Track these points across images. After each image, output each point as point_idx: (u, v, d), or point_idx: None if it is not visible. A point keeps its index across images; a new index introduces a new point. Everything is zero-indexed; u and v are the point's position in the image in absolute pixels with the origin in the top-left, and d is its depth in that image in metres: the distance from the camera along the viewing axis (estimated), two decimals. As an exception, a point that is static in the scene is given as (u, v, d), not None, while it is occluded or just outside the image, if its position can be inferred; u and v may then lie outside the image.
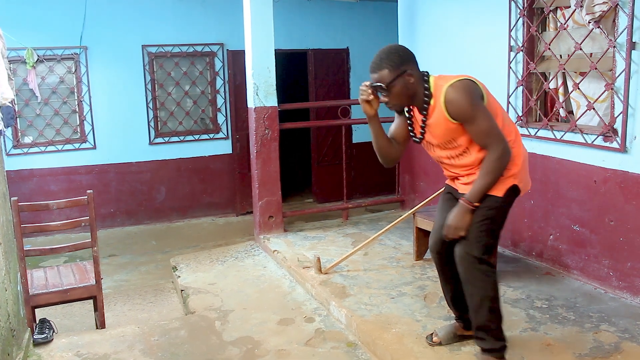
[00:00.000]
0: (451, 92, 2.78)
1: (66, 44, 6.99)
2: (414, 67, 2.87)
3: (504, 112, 2.94)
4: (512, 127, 2.95)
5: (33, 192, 6.96)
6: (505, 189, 2.84)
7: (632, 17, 3.45)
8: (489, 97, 2.88)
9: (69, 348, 3.57)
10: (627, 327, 3.32)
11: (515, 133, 2.93)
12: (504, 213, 2.91)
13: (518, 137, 2.94)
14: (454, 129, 2.82)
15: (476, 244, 2.81)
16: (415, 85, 2.86)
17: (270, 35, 5.40)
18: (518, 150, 2.89)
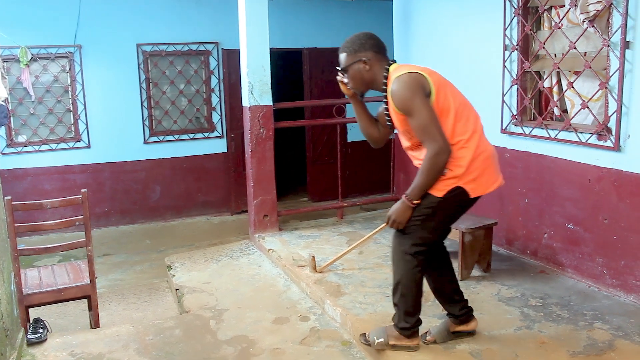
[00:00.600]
0: (395, 84, 2.83)
1: (60, 42, 6.96)
2: (374, 54, 2.97)
3: (461, 111, 2.88)
4: (469, 127, 2.88)
5: (27, 191, 6.94)
6: (446, 190, 2.85)
7: (626, 17, 3.46)
8: (442, 94, 2.85)
9: (63, 348, 3.56)
10: (621, 324, 3.33)
11: (471, 133, 2.86)
12: (444, 213, 2.93)
13: (474, 139, 2.86)
14: (403, 120, 2.87)
15: (407, 239, 2.95)
16: (372, 73, 2.97)
17: (265, 34, 5.40)
18: (468, 152, 2.84)
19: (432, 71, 2.93)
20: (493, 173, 2.94)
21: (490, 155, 2.93)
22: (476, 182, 2.87)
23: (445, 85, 2.91)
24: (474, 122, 2.93)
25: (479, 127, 2.94)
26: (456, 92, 2.97)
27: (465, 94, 5.16)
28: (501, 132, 4.64)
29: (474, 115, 2.96)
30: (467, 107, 2.97)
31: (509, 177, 4.61)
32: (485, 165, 2.89)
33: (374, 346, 3.16)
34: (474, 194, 2.89)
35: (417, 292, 3.03)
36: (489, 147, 2.95)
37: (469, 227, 4.05)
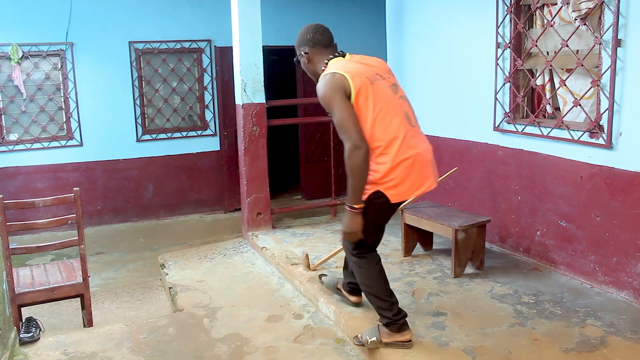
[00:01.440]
0: (320, 83, 2.97)
1: (52, 40, 6.92)
2: (311, 48, 3.13)
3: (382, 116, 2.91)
4: (390, 133, 2.91)
5: (19, 189, 6.90)
6: (367, 194, 2.92)
7: (618, 15, 3.47)
8: (362, 97, 2.89)
9: (56, 347, 3.55)
10: (613, 321, 3.35)
11: (390, 140, 2.90)
12: (370, 217, 2.97)
13: (393, 146, 2.89)
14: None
15: (349, 244, 3.11)
16: (312, 66, 3.16)
17: (258, 32, 5.39)
18: (387, 158, 2.89)
19: (359, 72, 2.96)
20: (418, 179, 2.96)
21: (415, 161, 2.94)
22: (397, 189, 2.92)
23: (369, 89, 2.92)
24: (396, 128, 2.93)
25: (402, 133, 2.93)
26: (383, 96, 2.97)
27: (458, 91, 5.21)
28: (494, 129, 4.65)
29: (399, 122, 2.96)
30: (393, 112, 2.97)
31: (502, 175, 4.63)
32: (407, 172, 2.92)
33: (367, 345, 3.18)
34: (395, 200, 2.95)
35: (380, 288, 3.13)
36: (415, 152, 2.95)
37: (462, 224, 4.06)
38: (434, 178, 3.05)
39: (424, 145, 3.04)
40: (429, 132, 5.47)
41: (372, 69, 3.06)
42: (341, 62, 3.05)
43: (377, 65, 3.16)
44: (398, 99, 3.07)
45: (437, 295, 3.84)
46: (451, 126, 5.21)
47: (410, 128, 3.01)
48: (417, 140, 3.01)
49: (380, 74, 3.06)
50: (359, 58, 3.16)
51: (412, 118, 3.10)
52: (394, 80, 3.15)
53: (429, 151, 3.07)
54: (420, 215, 4.38)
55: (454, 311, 3.58)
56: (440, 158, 5.37)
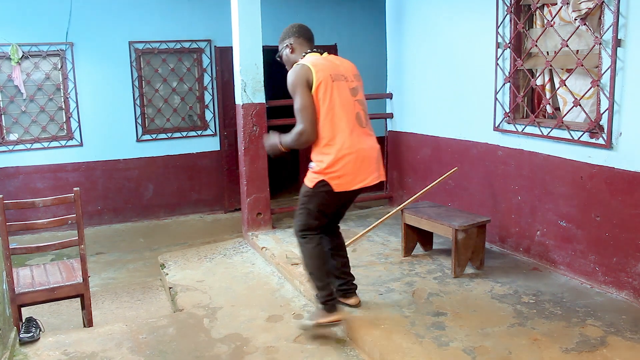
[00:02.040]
0: (290, 71, 3.36)
1: (52, 40, 6.92)
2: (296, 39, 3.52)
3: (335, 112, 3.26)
4: (339, 128, 3.26)
5: (19, 189, 6.90)
6: (314, 182, 3.33)
7: (618, 15, 3.47)
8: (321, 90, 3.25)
9: (56, 347, 3.55)
10: (613, 321, 3.35)
11: (336, 134, 3.25)
12: (317, 200, 3.37)
13: (338, 140, 3.25)
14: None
15: (296, 224, 3.48)
16: (293, 55, 3.53)
17: (258, 32, 5.39)
18: (332, 150, 3.25)
19: (325, 68, 3.30)
20: (360, 173, 3.30)
21: (358, 157, 3.28)
22: (340, 180, 3.28)
23: (329, 85, 3.27)
24: (345, 124, 3.27)
25: (349, 130, 3.27)
26: (340, 94, 3.30)
27: (458, 91, 5.21)
28: (494, 129, 4.65)
29: (348, 120, 3.30)
30: (346, 110, 3.30)
31: (502, 175, 4.63)
32: (350, 166, 3.26)
33: (305, 329, 3.51)
34: (338, 189, 3.30)
35: (317, 267, 3.43)
36: (359, 148, 3.29)
37: (462, 224, 4.06)
38: (377, 174, 3.41)
39: (370, 144, 3.39)
40: (429, 132, 5.51)
41: (339, 70, 3.38)
42: (314, 57, 3.39)
43: (346, 67, 3.47)
44: (354, 100, 3.38)
45: (437, 295, 3.84)
46: (451, 126, 5.21)
47: (359, 128, 3.35)
48: (364, 139, 3.35)
49: (344, 76, 3.39)
50: (333, 58, 3.48)
51: (363, 120, 3.41)
52: (356, 84, 3.45)
53: (375, 150, 3.42)
54: (420, 215, 4.38)
55: (454, 311, 3.58)
56: (440, 158, 5.38)
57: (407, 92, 5.89)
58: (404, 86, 5.92)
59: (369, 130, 3.45)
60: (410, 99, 5.86)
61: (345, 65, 3.50)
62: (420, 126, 5.69)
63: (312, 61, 3.31)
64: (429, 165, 5.59)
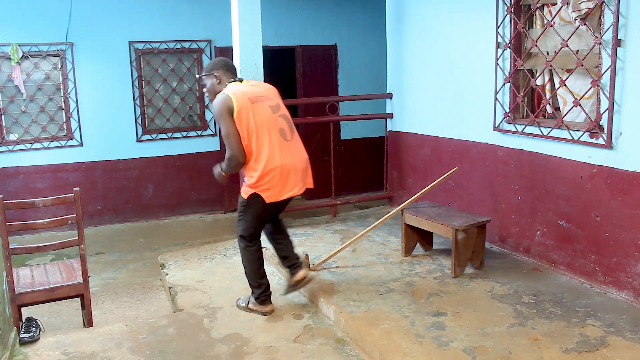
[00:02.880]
0: (215, 100, 3.68)
1: (52, 40, 6.92)
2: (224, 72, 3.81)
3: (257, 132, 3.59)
4: (263, 147, 3.60)
5: (19, 189, 6.91)
6: (247, 194, 3.69)
7: (618, 14, 3.47)
8: (243, 116, 3.57)
9: (56, 347, 3.55)
10: (613, 321, 3.35)
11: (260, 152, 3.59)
12: (252, 210, 3.74)
13: (263, 157, 3.59)
14: None
15: (238, 229, 3.84)
16: (219, 85, 3.80)
17: (258, 32, 5.38)
18: (259, 166, 3.60)
19: (243, 94, 3.63)
20: (287, 185, 3.67)
21: (285, 170, 3.64)
22: (269, 192, 3.64)
23: (249, 108, 3.60)
24: (269, 142, 3.61)
25: (273, 146, 3.61)
26: (261, 114, 3.63)
27: (458, 91, 5.21)
28: (494, 129, 4.65)
29: (272, 137, 3.63)
30: (269, 128, 3.63)
31: (502, 175, 4.63)
32: (276, 179, 3.63)
33: (239, 308, 4.03)
34: (269, 200, 3.65)
35: (253, 270, 3.89)
36: (283, 163, 3.63)
37: (462, 224, 4.06)
38: (302, 185, 3.80)
39: (296, 158, 3.73)
40: (429, 132, 5.51)
41: (258, 92, 3.74)
42: (235, 86, 3.74)
43: (266, 88, 3.86)
44: (276, 117, 3.70)
45: (437, 295, 3.84)
46: (451, 126, 5.21)
47: (284, 142, 3.69)
48: (289, 153, 3.68)
49: (264, 96, 3.74)
50: (253, 83, 3.92)
51: (287, 134, 3.74)
52: (277, 102, 3.80)
53: (301, 162, 3.78)
54: (420, 215, 4.38)
55: (454, 311, 3.58)
56: (440, 158, 5.38)
57: (407, 92, 5.89)
58: (404, 86, 5.92)
59: (296, 142, 3.80)
60: (410, 99, 5.86)
61: (264, 87, 3.89)
62: (420, 126, 5.69)
63: (232, 90, 3.66)
64: (429, 165, 5.59)
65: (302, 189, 3.81)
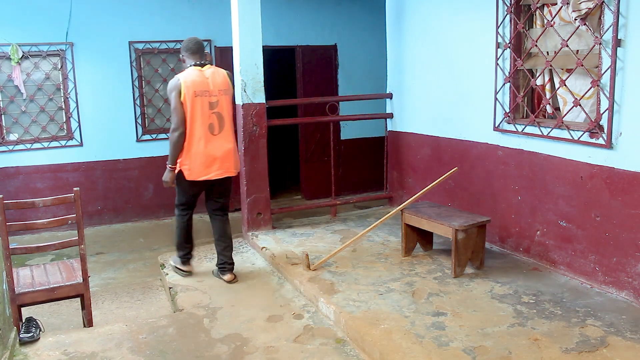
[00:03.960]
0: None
1: (52, 40, 6.92)
2: (187, 54, 4.41)
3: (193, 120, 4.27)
4: (194, 133, 4.28)
5: (19, 189, 6.90)
6: (177, 171, 4.39)
7: (618, 15, 3.48)
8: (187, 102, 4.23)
9: (56, 347, 3.55)
10: (613, 321, 3.35)
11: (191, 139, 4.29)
12: (180, 184, 4.46)
13: (192, 141, 4.29)
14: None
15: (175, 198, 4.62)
16: (183, 66, 4.47)
17: (258, 32, 5.38)
18: (189, 147, 4.29)
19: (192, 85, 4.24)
20: (204, 170, 4.34)
21: (206, 157, 4.32)
22: (189, 172, 4.35)
23: (191, 99, 4.24)
24: (198, 132, 4.29)
25: (200, 136, 4.29)
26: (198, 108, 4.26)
27: (458, 91, 5.22)
28: (494, 129, 4.65)
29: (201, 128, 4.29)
30: (201, 121, 4.29)
31: (502, 175, 4.63)
32: (197, 163, 4.32)
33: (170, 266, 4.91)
34: (189, 178, 4.36)
35: (179, 234, 4.69)
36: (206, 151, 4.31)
37: (462, 224, 4.06)
38: (222, 171, 4.41)
39: (217, 149, 4.35)
40: (429, 132, 5.51)
41: (206, 86, 4.29)
42: (191, 72, 4.31)
43: (215, 82, 4.35)
44: (210, 113, 4.32)
45: (437, 295, 3.84)
46: (451, 126, 5.21)
47: (210, 135, 4.34)
48: (212, 145, 4.34)
49: (208, 91, 4.31)
50: (209, 73, 4.36)
51: (215, 129, 4.36)
52: (218, 98, 4.35)
53: (222, 153, 4.37)
54: (420, 215, 4.38)
55: (454, 311, 3.58)
56: (440, 158, 5.38)
57: (407, 92, 5.89)
58: (404, 86, 5.92)
59: (223, 136, 4.39)
60: (410, 99, 5.86)
61: (216, 80, 4.36)
62: (420, 126, 5.69)
63: (185, 76, 4.27)
64: (429, 165, 5.59)
65: (221, 175, 4.42)
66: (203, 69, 4.36)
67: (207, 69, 4.37)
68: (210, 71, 4.37)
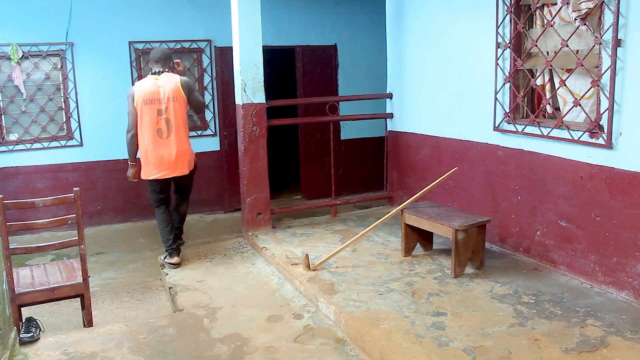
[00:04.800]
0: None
1: (52, 39, 6.91)
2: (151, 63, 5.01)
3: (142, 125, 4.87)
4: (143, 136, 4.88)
5: (19, 189, 6.90)
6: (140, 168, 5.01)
7: (618, 14, 3.48)
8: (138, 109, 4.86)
9: (56, 347, 3.55)
10: (613, 321, 3.35)
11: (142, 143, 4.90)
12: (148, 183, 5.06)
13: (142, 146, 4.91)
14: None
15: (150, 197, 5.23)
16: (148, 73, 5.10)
17: (258, 32, 5.39)
18: (140, 149, 4.92)
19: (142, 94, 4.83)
20: (153, 170, 4.91)
21: (153, 159, 4.89)
22: (143, 171, 4.95)
23: (141, 106, 4.84)
24: (147, 136, 4.87)
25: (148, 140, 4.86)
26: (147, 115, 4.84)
27: (458, 91, 5.22)
28: (494, 129, 4.65)
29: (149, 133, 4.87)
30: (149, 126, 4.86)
31: (502, 175, 4.63)
32: (148, 163, 4.90)
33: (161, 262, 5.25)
34: (142, 177, 4.98)
35: (160, 227, 5.17)
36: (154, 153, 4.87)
37: (462, 224, 4.06)
38: (171, 171, 4.92)
39: (165, 152, 4.88)
40: (429, 132, 5.51)
41: (155, 94, 4.83)
42: (146, 80, 4.93)
43: (165, 90, 4.85)
44: (159, 119, 4.85)
45: (437, 295, 3.84)
46: (451, 126, 5.21)
47: (158, 139, 4.87)
48: (161, 148, 4.87)
49: (158, 99, 4.84)
50: (161, 82, 4.89)
51: (164, 133, 4.88)
52: (167, 105, 4.85)
53: (170, 155, 4.88)
54: (420, 215, 4.38)
55: (454, 311, 3.58)
56: (440, 158, 5.38)
57: (407, 92, 5.89)
58: (404, 86, 5.92)
59: (170, 140, 4.88)
60: (410, 99, 5.86)
61: (166, 88, 4.85)
62: (420, 126, 5.69)
63: (139, 86, 4.89)
64: (429, 165, 5.59)
65: (172, 174, 4.94)
66: (159, 77, 4.91)
67: (162, 77, 4.90)
68: (164, 80, 4.89)
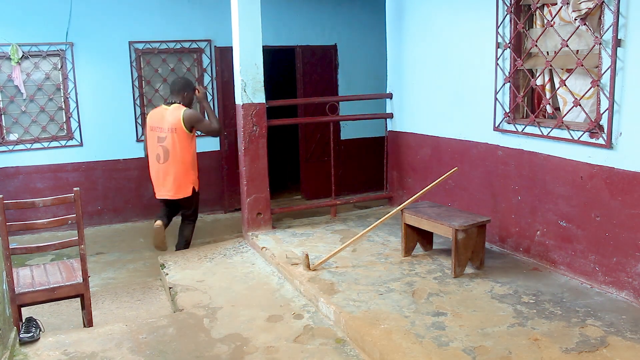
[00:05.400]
0: None
1: (52, 40, 6.92)
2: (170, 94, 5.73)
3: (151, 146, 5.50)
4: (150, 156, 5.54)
5: (19, 189, 6.90)
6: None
7: (618, 14, 3.48)
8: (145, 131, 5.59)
9: (56, 347, 3.55)
10: (613, 321, 3.35)
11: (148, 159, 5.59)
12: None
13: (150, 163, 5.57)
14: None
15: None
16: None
17: (258, 32, 5.39)
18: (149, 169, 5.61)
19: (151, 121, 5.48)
20: (157, 191, 5.56)
21: (155, 179, 5.55)
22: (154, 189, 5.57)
23: (149, 131, 5.50)
24: (151, 157, 5.50)
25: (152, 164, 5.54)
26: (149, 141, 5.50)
27: (458, 91, 5.23)
28: (494, 129, 4.65)
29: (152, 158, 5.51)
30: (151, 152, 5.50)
31: (502, 175, 4.63)
32: (155, 184, 5.53)
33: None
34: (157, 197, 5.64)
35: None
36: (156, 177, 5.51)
37: (462, 224, 4.06)
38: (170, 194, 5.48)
39: (161, 175, 5.45)
40: (429, 132, 5.51)
41: (160, 123, 5.38)
42: (158, 109, 5.54)
43: (168, 120, 5.36)
44: (158, 146, 5.40)
45: (437, 295, 3.84)
46: (451, 126, 5.21)
47: (157, 163, 5.47)
48: (158, 171, 5.46)
49: (160, 127, 5.38)
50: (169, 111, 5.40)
51: (161, 158, 5.42)
52: (166, 134, 5.36)
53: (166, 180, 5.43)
54: (420, 215, 4.38)
55: (454, 311, 3.58)
56: (440, 158, 5.39)
57: (407, 92, 5.89)
58: (404, 86, 5.92)
59: (167, 165, 5.40)
60: (410, 99, 5.86)
61: (169, 119, 5.35)
62: (420, 126, 5.69)
63: (151, 113, 5.54)
64: (429, 165, 5.59)
65: (169, 196, 5.49)
66: (169, 107, 5.41)
67: (171, 107, 5.41)
68: (171, 110, 5.39)
